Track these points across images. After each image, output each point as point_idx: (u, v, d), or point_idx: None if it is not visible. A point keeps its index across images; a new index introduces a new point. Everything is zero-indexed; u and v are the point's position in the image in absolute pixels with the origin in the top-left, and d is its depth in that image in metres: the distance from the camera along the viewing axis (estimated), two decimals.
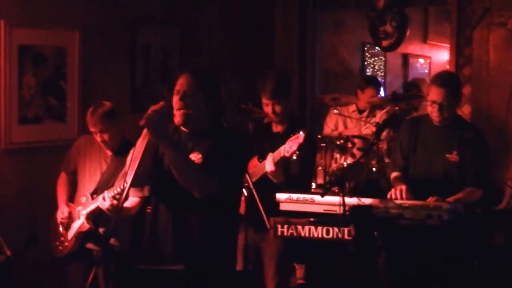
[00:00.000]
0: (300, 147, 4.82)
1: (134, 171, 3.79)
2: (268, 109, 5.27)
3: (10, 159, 5.95)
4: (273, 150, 5.01)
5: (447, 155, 5.06)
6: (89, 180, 5.34)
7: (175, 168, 3.81)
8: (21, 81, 5.94)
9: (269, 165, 4.97)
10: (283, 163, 4.99)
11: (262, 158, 5.10)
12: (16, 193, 5.98)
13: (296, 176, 5.16)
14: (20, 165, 6.01)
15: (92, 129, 5.22)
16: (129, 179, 3.80)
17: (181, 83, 3.92)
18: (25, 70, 5.96)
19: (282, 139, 5.03)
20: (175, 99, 3.92)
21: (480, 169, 5.06)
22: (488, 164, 5.16)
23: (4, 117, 5.84)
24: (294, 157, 4.88)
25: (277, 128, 5.36)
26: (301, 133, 4.81)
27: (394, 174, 5.27)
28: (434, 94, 5.00)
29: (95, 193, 5.22)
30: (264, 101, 5.28)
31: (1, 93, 5.81)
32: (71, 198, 5.43)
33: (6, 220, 5.76)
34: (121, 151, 5.16)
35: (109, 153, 5.33)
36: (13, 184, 5.97)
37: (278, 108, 5.22)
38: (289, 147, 4.85)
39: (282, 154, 4.90)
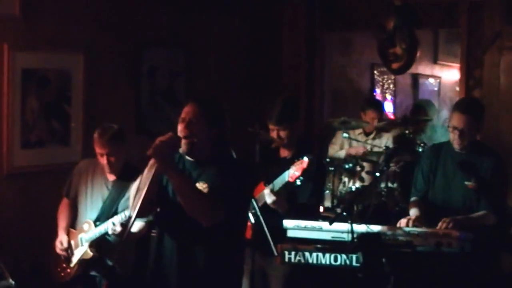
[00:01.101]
0: (304, 173, 4.79)
1: (140, 202, 3.77)
2: (273, 134, 5.24)
3: (12, 184, 5.92)
4: (279, 175, 4.95)
5: (466, 182, 4.99)
6: (91, 206, 5.27)
7: (182, 198, 3.81)
8: (24, 105, 5.91)
9: (268, 197, 4.94)
10: (286, 190, 4.94)
11: (269, 183, 5.05)
12: (19, 217, 5.94)
13: (304, 203, 5.11)
14: (22, 189, 5.97)
15: (99, 151, 5.13)
16: (135, 210, 3.79)
17: (186, 112, 3.94)
18: (28, 94, 5.93)
19: (288, 164, 4.99)
20: (180, 128, 3.93)
21: (496, 195, 5.00)
22: (504, 190, 5.11)
23: (6, 141, 5.81)
24: (298, 183, 4.85)
25: (284, 153, 5.31)
26: (305, 158, 4.79)
27: (412, 199, 5.23)
28: (455, 120, 4.95)
29: (98, 220, 5.17)
30: (270, 126, 5.25)
31: (4, 117, 5.79)
32: (73, 223, 5.36)
33: (8, 244, 5.71)
34: (123, 176, 5.15)
35: (111, 177, 5.25)
36: (15, 209, 5.94)
37: (283, 134, 5.19)
38: (293, 172, 4.81)
39: (286, 179, 4.86)
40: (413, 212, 5.07)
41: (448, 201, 5.05)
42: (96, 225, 5.15)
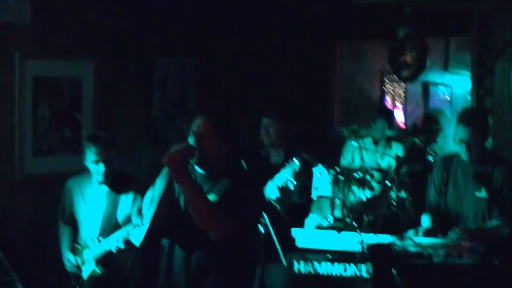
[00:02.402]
0: (295, 175, 4.82)
1: (153, 213, 3.78)
2: (262, 130, 5.36)
3: (24, 191, 5.93)
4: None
5: (476, 193, 4.96)
6: (91, 221, 5.26)
7: (194, 209, 3.79)
8: (36, 113, 5.92)
9: (272, 192, 4.94)
10: (281, 193, 5.00)
11: None
12: (30, 225, 5.95)
13: (296, 202, 5.16)
14: (34, 197, 5.98)
15: (95, 159, 5.10)
16: (148, 220, 3.79)
17: (197, 125, 3.91)
18: (39, 102, 5.95)
19: (280, 170, 5.05)
20: (191, 140, 3.89)
21: (509, 205, 4.94)
22: None
23: (18, 149, 5.82)
24: (291, 186, 4.90)
25: (274, 159, 5.37)
26: (294, 160, 4.82)
27: (426, 211, 5.22)
28: (461, 132, 4.93)
29: (101, 234, 5.17)
30: (262, 122, 5.39)
31: (15, 125, 5.81)
32: (76, 240, 5.38)
33: (19, 252, 5.70)
34: (115, 184, 5.19)
35: (103, 189, 5.25)
36: (27, 216, 5.95)
37: (272, 130, 5.27)
38: (284, 176, 4.86)
39: (279, 184, 4.91)
40: (425, 222, 5.06)
41: (460, 212, 5.03)
42: (99, 241, 5.16)
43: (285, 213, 5.10)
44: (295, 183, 4.92)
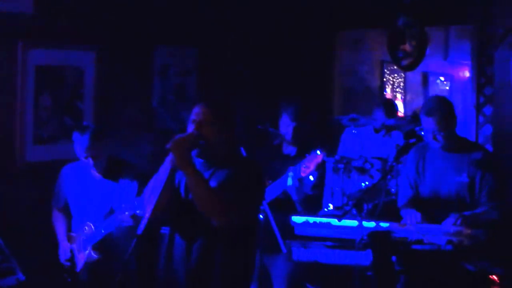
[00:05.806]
0: (318, 167, 4.83)
1: (155, 200, 3.78)
2: (283, 127, 5.33)
3: (25, 179, 5.94)
4: (284, 172, 4.99)
5: (457, 178, 4.98)
6: (85, 208, 5.28)
7: (196, 196, 3.82)
8: (37, 101, 5.94)
9: (291, 181, 4.96)
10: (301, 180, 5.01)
11: (273, 180, 5.08)
12: (31, 212, 5.95)
13: (310, 194, 5.16)
14: (35, 185, 5.99)
15: (83, 155, 5.13)
16: (150, 208, 3.79)
17: (196, 113, 3.95)
18: (41, 91, 5.96)
19: (294, 160, 5.06)
20: (191, 129, 3.92)
21: (493, 189, 4.97)
22: (501, 183, 5.04)
23: (19, 137, 5.83)
24: (312, 178, 4.90)
25: (287, 150, 5.37)
26: (318, 152, 4.81)
27: (402, 203, 5.23)
28: (423, 122, 4.99)
29: (95, 221, 5.18)
30: (284, 119, 5.33)
31: (17, 113, 5.82)
32: (69, 227, 5.41)
33: (20, 239, 5.73)
34: (110, 172, 5.19)
35: (97, 176, 5.26)
36: (27, 204, 5.95)
37: (292, 129, 5.25)
38: (306, 167, 4.85)
39: (299, 175, 4.90)
40: (410, 212, 5.07)
41: (441, 198, 5.04)
42: (95, 227, 5.17)
43: (300, 203, 5.11)
44: (316, 175, 4.95)
